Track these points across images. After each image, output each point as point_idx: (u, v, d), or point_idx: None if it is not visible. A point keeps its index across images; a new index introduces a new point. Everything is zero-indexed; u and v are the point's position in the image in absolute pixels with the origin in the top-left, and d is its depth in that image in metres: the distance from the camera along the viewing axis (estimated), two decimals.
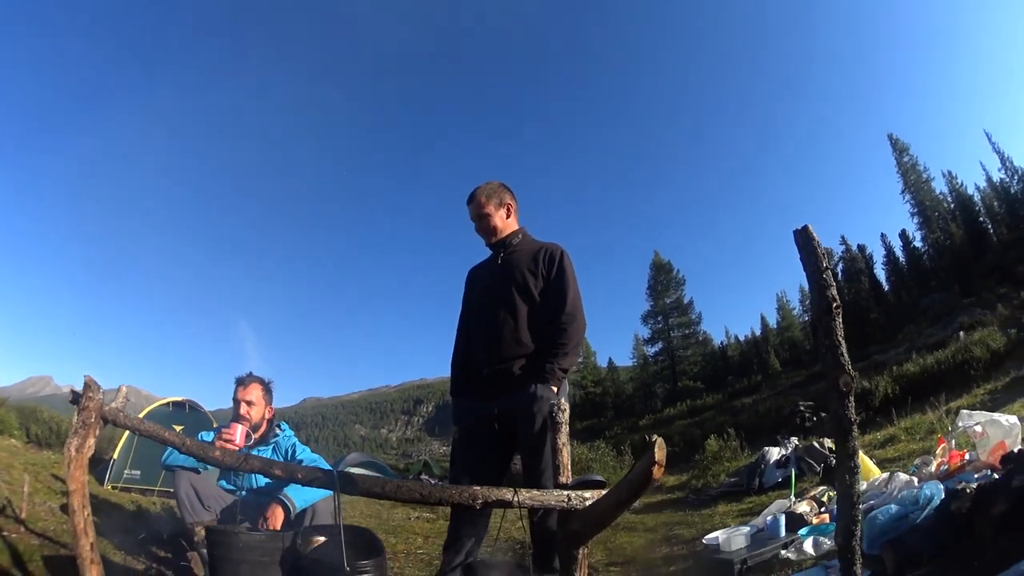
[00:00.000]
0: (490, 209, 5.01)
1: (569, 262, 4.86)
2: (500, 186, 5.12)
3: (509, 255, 5.00)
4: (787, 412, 19.30)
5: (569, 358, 4.59)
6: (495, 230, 5.03)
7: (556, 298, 4.71)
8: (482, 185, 5.10)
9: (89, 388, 3.37)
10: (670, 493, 12.03)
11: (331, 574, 2.88)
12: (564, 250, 4.90)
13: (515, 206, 5.13)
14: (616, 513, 3.22)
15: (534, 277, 4.82)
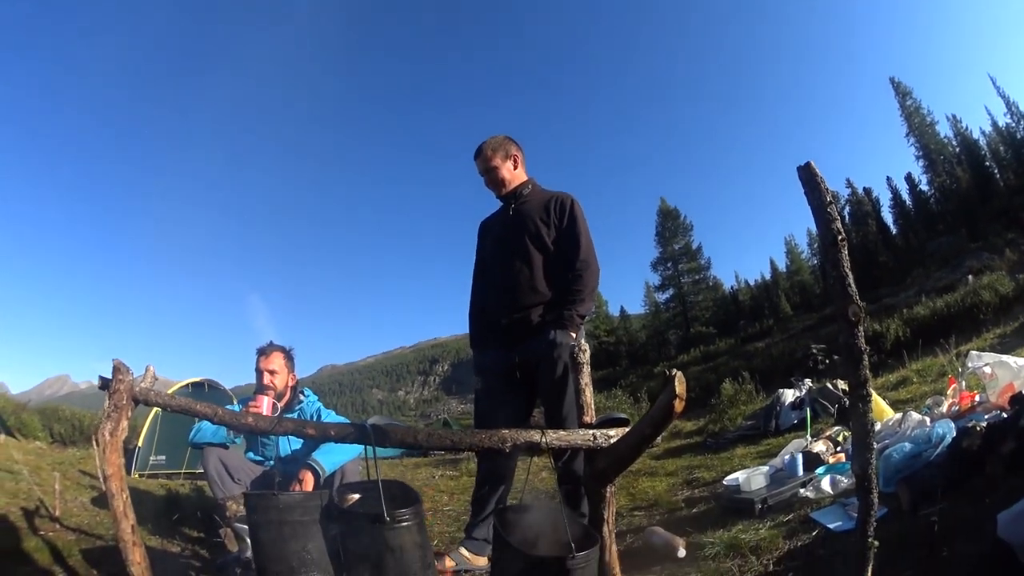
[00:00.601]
0: (497, 162, 5.13)
1: (580, 210, 4.99)
2: (505, 139, 5.22)
3: (520, 206, 5.13)
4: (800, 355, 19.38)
5: (586, 304, 4.75)
6: (504, 182, 5.16)
7: (569, 246, 4.84)
8: (488, 139, 5.20)
9: (119, 371, 3.46)
10: (688, 438, 12.15)
11: (372, 525, 2.96)
12: (574, 199, 5.02)
13: (521, 157, 5.23)
14: (640, 449, 3.36)
15: (546, 226, 4.93)
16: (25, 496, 7.47)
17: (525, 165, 5.31)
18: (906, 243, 66.55)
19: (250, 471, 5.59)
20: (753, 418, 11.07)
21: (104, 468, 3.36)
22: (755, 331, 65.95)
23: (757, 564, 3.97)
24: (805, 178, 2.76)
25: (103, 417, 3.39)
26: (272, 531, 3.23)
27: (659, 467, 9.16)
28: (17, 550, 5.29)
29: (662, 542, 4.62)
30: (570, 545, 2.99)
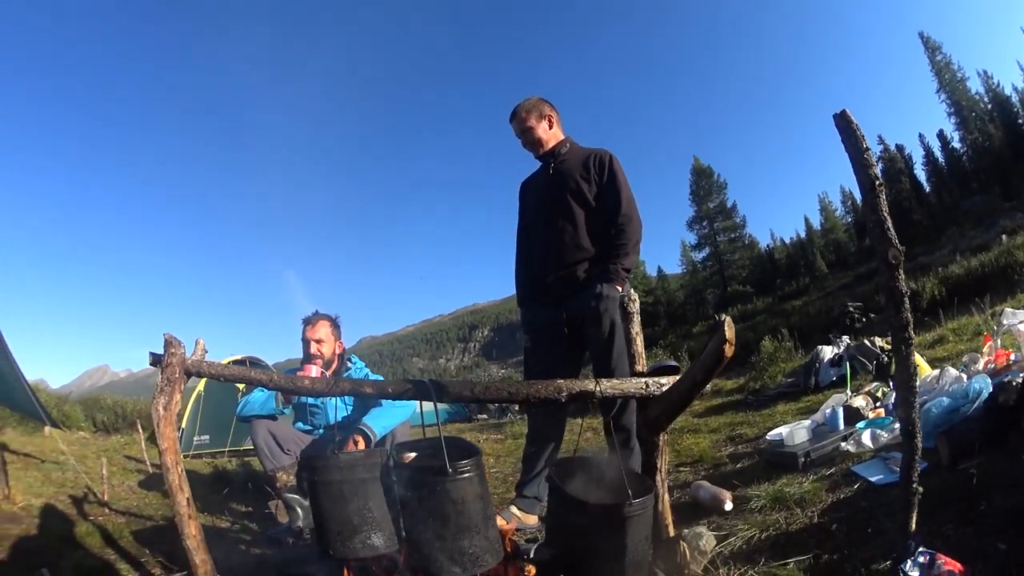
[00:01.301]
0: (532, 122, 5.23)
1: (619, 165, 5.07)
2: (539, 100, 5.29)
3: (560, 164, 5.21)
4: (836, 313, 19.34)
5: (630, 257, 4.84)
6: (541, 142, 5.26)
7: (611, 201, 4.94)
8: (522, 102, 5.29)
9: (170, 344, 3.54)
10: (729, 396, 12.24)
11: (434, 477, 3.01)
12: (613, 154, 5.09)
13: (556, 117, 5.31)
14: (692, 395, 3.45)
15: (587, 183, 5.02)
16: (72, 484, 7.82)
17: (561, 124, 5.38)
18: (939, 201, 65.73)
19: (300, 441, 5.71)
20: (793, 375, 11.10)
21: (159, 442, 3.50)
22: (792, 289, 65.46)
23: (802, 516, 4.09)
24: (841, 125, 2.82)
25: (156, 392, 3.51)
26: (333, 491, 3.32)
27: (702, 424, 9.25)
28: (69, 536, 5.51)
29: (709, 496, 4.77)
30: (627, 492, 3.14)
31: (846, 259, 70.43)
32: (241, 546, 5.68)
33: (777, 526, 4.02)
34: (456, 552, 2.96)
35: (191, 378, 3.72)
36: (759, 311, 50.84)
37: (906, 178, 69.29)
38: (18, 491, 6.98)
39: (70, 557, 4.88)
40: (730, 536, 3.96)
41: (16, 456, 9.57)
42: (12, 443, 10.60)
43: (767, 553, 3.63)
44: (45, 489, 7.61)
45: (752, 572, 3.45)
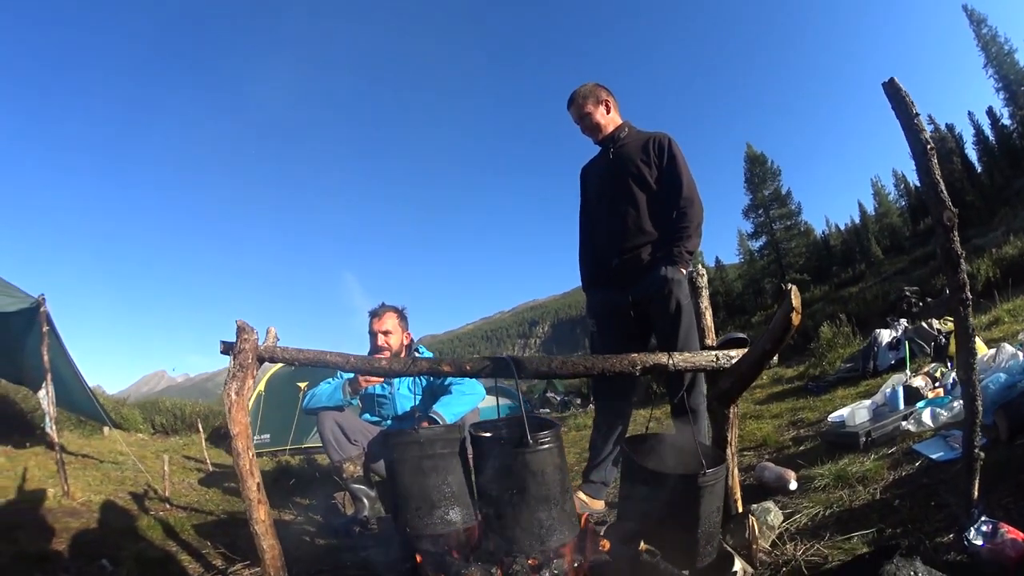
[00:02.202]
0: (589, 108, 5.26)
1: (678, 148, 5.07)
2: (595, 85, 5.33)
3: (620, 148, 5.24)
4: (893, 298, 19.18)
5: (693, 240, 4.86)
6: (599, 127, 5.28)
7: (672, 184, 4.95)
8: (578, 88, 5.32)
9: (243, 331, 3.60)
10: (789, 384, 12.20)
11: (514, 449, 3.04)
12: (672, 137, 5.10)
13: (613, 102, 5.33)
14: (762, 365, 3.52)
15: (647, 167, 5.04)
16: (132, 482, 8.09)
17: (619, 109, 5.41)
18: (991, 181, 64.09)
19: (367, 432, 5.74)
20: (851, 360, 11.05)
21: (230, 427, 3.56)
22: (848, 276, 64.70)
23: (864, 493, 4.16)
24: (890, 92, 2.87)
25: (228, 377, 3.58)
26: (412, 467, 3.34)
27: (764, 411, 9.30)
28: (129, 529, 5.67)
29: (774, 476, 4.84)
30: (700, 464, 3.20)
31: (901, 244, 69.54)
32: (306, 537, 5.80)
33: (841, 503, 4.08)
34: (534, 524, 3.02)
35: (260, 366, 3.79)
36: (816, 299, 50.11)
37: (957, 158, 67.78)
38: (77, 489, 7.24)
39: (130, 549, 5.02)
40: (795, 513, 4.04)
41: (75, 457, 9.88)
42: (71, 445, 10.90)
43: (832, 529, 3.70)
44: (104, 487, 7.86)
45: (819, 547, 3.50)
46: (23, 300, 8.24)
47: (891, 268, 53.96)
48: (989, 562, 2.64)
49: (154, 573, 4.58)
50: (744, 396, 4.23)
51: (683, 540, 3.13)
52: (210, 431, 15.21)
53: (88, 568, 4.61)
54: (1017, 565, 2.59)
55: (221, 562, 4.98)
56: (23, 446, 9.88)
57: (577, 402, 23.70)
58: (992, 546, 2.68)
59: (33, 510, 6.12)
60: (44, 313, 8.20)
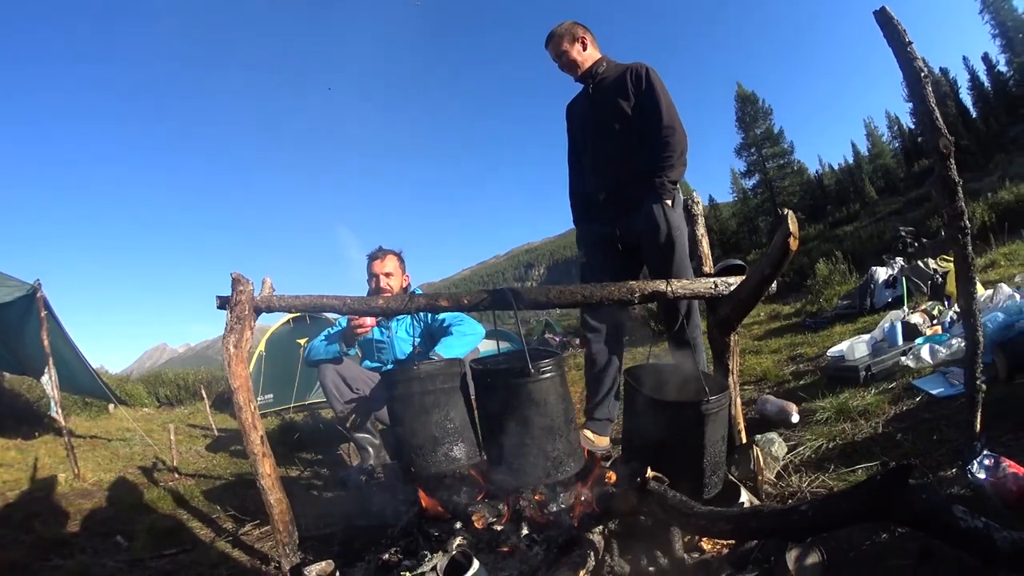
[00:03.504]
0: (566, 46, 5.24)
1: (657, 76, 5.01)
2: (571, 23, 5.30)
3: (599, 83, 5.22)
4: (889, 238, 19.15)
5: (676, 169, 4.81)
6: (576, 64, 5.27)
7: (651, 113, 4.89)
8: (554, 28, 5.31)
9: (238, 283, 3.60)
10: (787, 320, 12.23)
11: (516, 379, 3.02)
12: (649, 66, 5.05)
13: (591, 37, 5.31)
14: (761, 291, 3.47)
15: (627, 98, 5.00)
16: (141, 457, 8.18)
17: (596, 45, 5.40)
18: (986, 127, 63.64)
19: (369, 380, 5.71)
20: (848, 297, 11.07)
21: (230, 381, 3.57)
22: (842, 216, 64.51)
23: (867, 427, 4.20)
24: (882, 21, 2.82)
25: (226, 331, 3.58)
26: (414, 403, 3.30)
27: (762, 346, 9.36)
28: (140, 503, 5.71)
29: (776, 409, 4.88)
30: (704, 390, 3.23)
31: (895, 185, 69.33)
32: (313, 491, 5.87)
33: (843, 436, 4.12)
34: (540, 456, 3.03)
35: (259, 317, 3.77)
36: (811, 237, 49.97)
37: (952, 102, 67.32)
38: (88, 470, 7.30)
39: (143, 522, 5.06)
40: (799, 446, 4.08)
41: (83, 439, 9.93)
42: (78, 428, 11.01)
43: (835, 461, 3.73)
44: (114, 464, 7.93)
45: (824, 478, 3.54)
46: (19, 288, 8.23)
47: (886, 209, 53.80)
48: (992, 495, 2.67)
49: (167, 542, 4.60)
50: (742, 332, 4.26)
51: (689, 470, 3.13)
52: (214, 397, 15.28)
53: (103, 546, 4.65)
54: (1018, 499, 2.61)
55: (232, 524, 5.04)
56: (32, 436, 9.90)
57: (576, 342, 23.74)
58: (995, 479, 2.70)
59: (46, 497, 6.17)
60: (41, 298, 8.22)
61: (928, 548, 2.40)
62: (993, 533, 1.69)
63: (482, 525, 3.46)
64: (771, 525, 2.21)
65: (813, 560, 2.45)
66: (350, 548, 3.95)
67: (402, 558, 3.44)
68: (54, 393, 8.26)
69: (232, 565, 4.08)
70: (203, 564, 4.09)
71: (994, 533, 1.69)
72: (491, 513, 3.51)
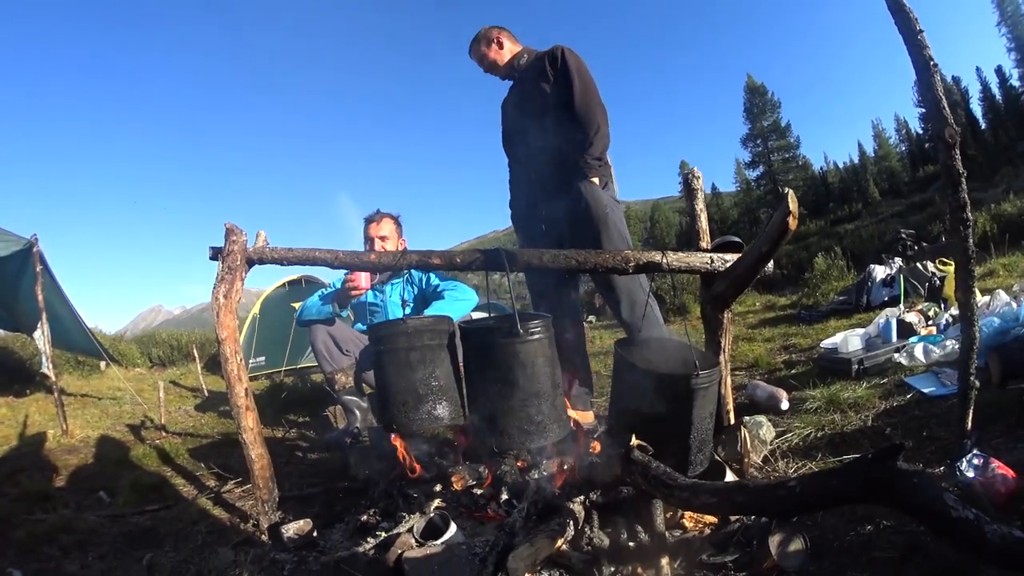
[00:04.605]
0: (482, 51, 5.47)
1: (572, 55, 5.12)
2: (485, 28, 5.51)
3: (522, 74, 5.40)
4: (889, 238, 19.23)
5: (595, 146, 4.92)
6: (496, 64, 5.48)
7: (566, 93, 5.00)
8: (473, 38, 5.54)
9: (231, 233, 3.60)
10: (782, 311, 12.27)
11: (503, 339, 2.99)
12: (566, 47, 5.17)
13: (506, 34, 5.49)
14: (757, 269, 3.47)
15: (547, 83, 5.13)
16: (130, 416, 8.20)
17: (514, 39, 5.56)
18: (995, 139, 63.91)
19: (359, 342, 5.72)
20: (845, 293, 11.07)
21: (217, 331, 3.57)
22: (844, 214, 64.72)
23: (856, 419, 4.17)
24: (894, 7, 2.77)
25: (216, 281, 3.56)
26: (399, 358, 3.23)
27: (756, 334, 9.40)
28: (125, 460, 5.72)
29: (766, 395, 4.86)
30: (694, 364, 3.16)
31: (899, 188, 69.39)
32: (298, 452, 5.87)
33: (833, 426, 4.10)
34: (524, 420, 2.98)
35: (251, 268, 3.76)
36: (812, 233, 50.18)
37: (961, 111, 66.97)
38: (76, 427, 7.32)
39: (127, 478, 5.07)
40: (787, 432, 4.06)
41: (74, 397, 10.01)
42: (70, 387, 11.05)
43: (824, 450, 3.71)
44: (103, 422, 7.94)
45: (811, 466, 3.52)
46: (16, 243, 8.21)
47: (888, 210, 53.89)
48: (980, 495, 2.65)
49: (149, 498, 4.61)
50: (736, 320, 4.25)
51: (675, 446, 3.07)
52: (207, 359, 15.34)
53: (86, 501, 4.66)
54: (1007, 500, 2.59)
55: (214, 482, 5.03)
56: (24, 394, 9.95)
57: None
58: (983, 479, 2.67)
59: (34, 453, 6.21)
60: (37, 253, 8.20)
61: (914, 543, 2.37)
62: (983, 525, 1.65)
63: (461, 487, 3.47)
64: (757, 501, 2.18)
65: (796, 547, 2.43)
66: (331, 509, 3.96)
67: (380, 519, 3.44)
68: (46, 348, 8.29)
69: (211, 521, 4.05)
70: (183, 520, 4.07)
71: (984, 526, 1.65)
72: (471, 475, 3.50)
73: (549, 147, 5.08)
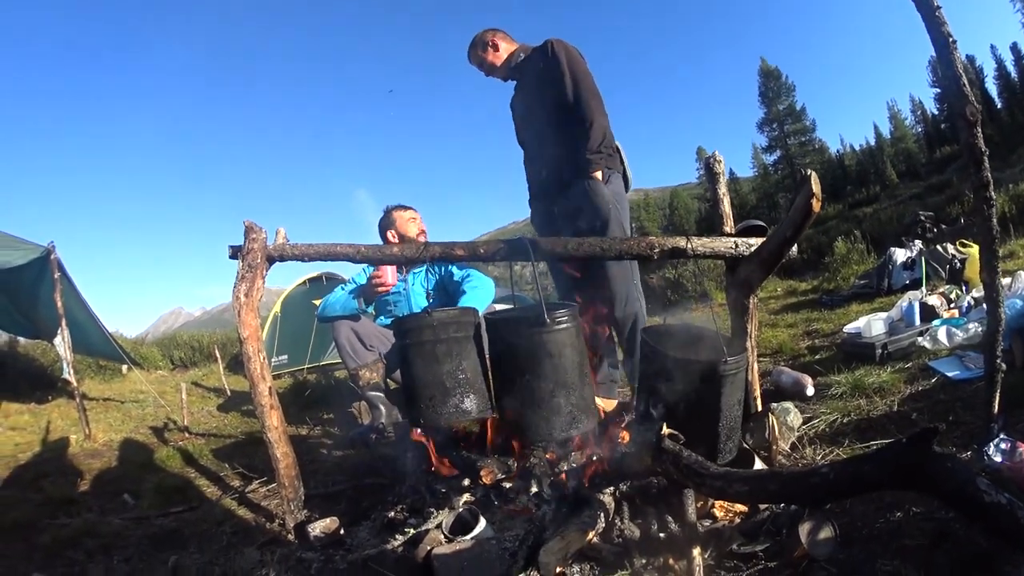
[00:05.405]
0: (480, 55, 5.53)
1: (562, 46, 5.14)
2: (481, 32, 5.55)
3: (521, 74, 5.45)
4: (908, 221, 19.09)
5: (593, 138, 4.92)
6: (494, 66, 5.52)
7: (561, 85, 5.01)
8: (469, 45, 5.59)
9: (251, 231, 3.60)
10: (803, 296, 12.31)
11: (530, 329, 2.97)
12: (557, 39, 5.18)
13: (501, 35, 5.53)
14: (782, 253, 3.43)
15: (543, 77, 5.15)
16: (152, 418, 8.27)
17: (509, 39, 5.59)
18: (1011, 118, 63.31)
19: (383, 337, 5.67)
20: (866, 277, 11.06)
21: (239, 330, 3.56)
22: (862, 197, 64.28)
23: (882, 404, 4.14)
24: None
25: (237, 279, 3.56)
26: (425, 352, 3.22)
27: (778, 320, 9.38)
28: (149, 462, 5.75)
29: (791, 381, 4.84)
30: (721, 350, 3.14)
31: (916, 170, 68.95)
32: (323, 450, 5.88)
33: (859, 411, 4.07)
34: (552, 411, 2.96)
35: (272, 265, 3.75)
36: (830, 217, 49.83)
37: (976, 90, 66.65)
38: (99, 431, 7.40)
39: (151, 480, 5.08)
40: (813, 418, 4.04)
41: (96, 402, 10.06)
42: (91, 391, 11.14)
43: (850, 436, 3.69)
44: (125, 425, 8.02)
45: (839, 452, 3.50)
46: (33, 251, 8.30)
47: (906, 192, 53.53)
48: (1008, 480, 2.62)
49: (174, 500, 4.63)
50: (759, 306, 4.21)
51: (704, 434, 3.04)
52: (228, 359, 15.41)
53: (111, 504, 4.68)
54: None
55: (239, 482, 5.04)
56: (46, 400, 10.01)
57: None
58: (1011, 464, 2.65)
59: (57, 458, 6.23)
60: (55, 260, 8.29)
61: (944, 530, 2.35)
62: (1017, 511, 1.64)
63: (491, 480, 3.48)
64: (790, 488, 2.17)
65: (826, 535, 2.40)
66: (357, 506, 3.95)
67: (408, 516, 3.44)
68: (67, 354, 8.33)
69: (237, 522, 4.07)
70: (208, 521, 4.10)
71: (1018, 511, 1.64)
72: (500, 469, 3.52)
73: (550, 144, 5.13)
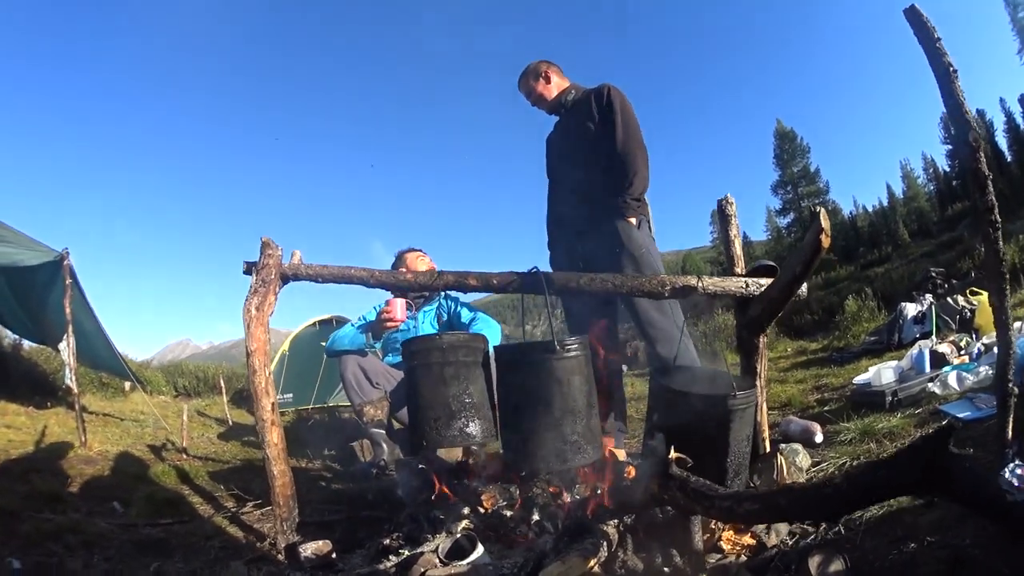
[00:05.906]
0: (530, 84, 5.51)
1: (618, 94, 5.14)
2: (536, 62, 5.55)
3: (569, 110, 5.42)
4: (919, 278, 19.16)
5: (635, 187, 4.93)
6: (543, 98, 5.51)
7: (613, 132, 5.00)
8: (522, 71, 5.58)
9: (267, 247, 3.62)
10: (813, 355, 12.22)
11: (541, 356, 2.97)
12: (611, 86, 5.19)
13: (555, 69, 5.53)
14: (792, 290, 3.39)
15: (593, 120, 5.14)
16: (151, 437, 8.18)
17: (563, 75, 5.59)
18: (1021, 171, 62.85)
19: (389, 375, 5.70)
20: (876, 333, 10.97)
21: (248, 343, 3.52)
22: (874, 257, 64.38)
23: (891, 447, 4.10)
24: (912, 20, 2.82)
25: (249, 293, 3.55)
26: (432, 374, 3.22)
27: (788, 376, 9.30)
28: (143, 475, 5.71)
29: (800, 429, 4.78)
30: (731, 384, 3.13)
31: (928, 228, 68.95)
32: (322, 482, 5.81)
33: (868, 455, 4.02)
34: (558, 440, 2.93)
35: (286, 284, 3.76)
36: (842, 278, 49.88)
37: (986, 144, 66.93)
38: (95, 441, 7.36)
39: (143, 491, 5.04)
40: (823, 462, 3.99)
41: (95, 415, 9.99)
42: (92, 406, 11.02)
43: None
44: (123, 440, 7.95)
45: None
46: (47, 254, 8.33)
47: (918, 251, 53.57)
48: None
49: (164, 512, 4.59)
50: (768, 364, 4.19)
51: (712, 469, 2.97)
52: (233, 392, 15.32)
53: (99, 509, 4.63)
54: None
55: (233, 503, 5.00)
56: (45, 406, 9.96)
57: None
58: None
59: (49, 458, 6.20)
60: (67, 266, 8.31)
61: (960, 556, 2.28)
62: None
63: (491, 506, 3.45)
64: (802, 502, 2.10)
65: (836, 567, 2.35)
66: (352, 535, 3.90)
67: (403, 543, 3.36)
68: (70, 360, 8.34)
69: (226, 538, 4.03)
70: (197, 535, 4.04)
71: None
72: (502, 496, 3.49)
73: (590, 185, 5.10)
